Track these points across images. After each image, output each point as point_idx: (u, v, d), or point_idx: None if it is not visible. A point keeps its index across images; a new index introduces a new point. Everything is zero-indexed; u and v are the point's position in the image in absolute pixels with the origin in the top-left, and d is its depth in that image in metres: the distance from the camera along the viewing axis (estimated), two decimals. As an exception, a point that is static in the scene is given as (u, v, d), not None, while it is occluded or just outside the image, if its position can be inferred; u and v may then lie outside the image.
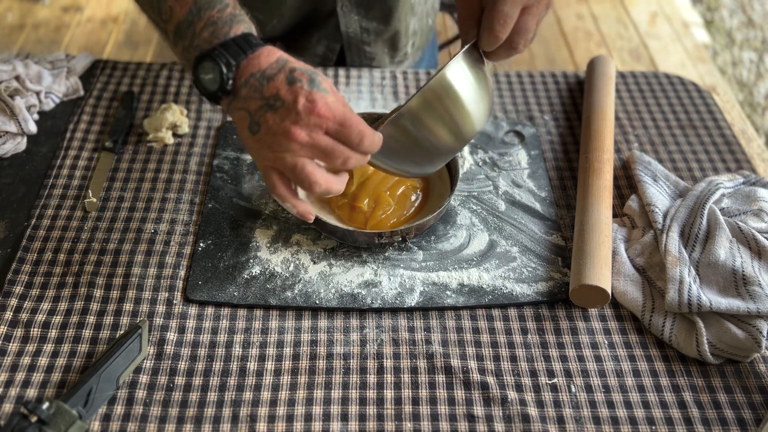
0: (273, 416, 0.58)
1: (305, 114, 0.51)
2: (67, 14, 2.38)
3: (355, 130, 0.53)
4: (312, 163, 0.53)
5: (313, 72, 0.53)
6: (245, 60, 0.53)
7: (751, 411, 0.59)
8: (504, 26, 0.57)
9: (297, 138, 0.52)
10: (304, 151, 0.53)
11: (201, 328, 0.64)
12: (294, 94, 0.52)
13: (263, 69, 0.53)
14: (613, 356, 0.63)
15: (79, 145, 0.81)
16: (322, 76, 0.54)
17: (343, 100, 0.54)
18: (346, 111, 0.53)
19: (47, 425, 0.52)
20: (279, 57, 0.54)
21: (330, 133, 0.53)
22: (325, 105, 0.52)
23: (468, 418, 0.58)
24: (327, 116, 0.52)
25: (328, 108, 0.52)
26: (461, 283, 0.67)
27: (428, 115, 0.59)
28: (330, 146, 0.53)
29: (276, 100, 0.52)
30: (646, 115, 0.89)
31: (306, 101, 0.51)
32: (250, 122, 0.54)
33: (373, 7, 0.92)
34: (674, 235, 0.68)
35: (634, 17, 2.51)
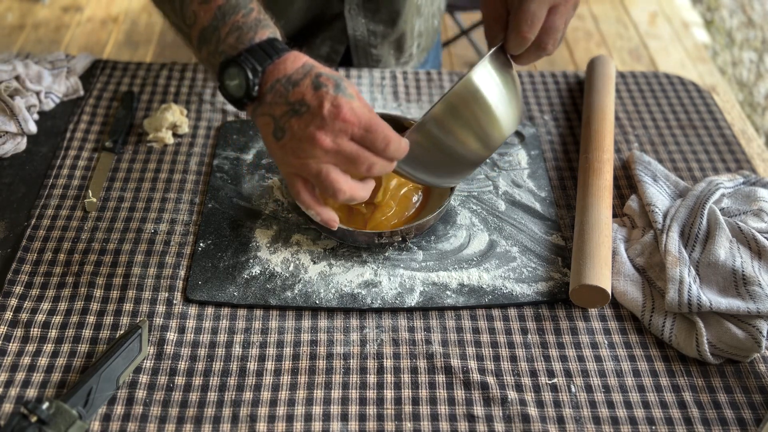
0: (273, 416, 0.58)
1: (330, 119, 0.51)
2: (67, 14, 2.38)
3: (381, 135, 0.52)
4: (336, 170, 0.53)
5: (339, 77, 0.53)
6: (271, 65, 0.53)
7: (751, 411, 0.59)
8: (532, 27, 0.56)
9: (322, 144, 0.51)
10: (328, 157, 0.52)
11: (201, 328, 0.64)
12: (319, 99, 0.51)
13: (289, 74, 0.52)
14: (613, 356, 0.63)
15: (79, 145, 0.81)
16: (347, 82, 0.53)
17: (368, 105, 0.54)
18: (371, 116, 0.52)
19: (47, 425, 0.52)
20: (305, 62, 0.53)
21: (355, 138, 0.52)
22: (351, 110, 0.51)
23: (468, 418, 0.58)
24: (352, 121, 0.51)
25: (353, 113, 0.51)
26: (461, 283, 0.67)
27: (455, 121, 0.57)
28: (355, 152, 0.52)
29: (301, 105, 0.51)
30: (646, 115, 0.89)
31: (331, 106, 0.51)
32: (274, 128, 0.53)
33: (380, 10, 0.92)
34: (674, 235, 0.68)
35: (634, 17, 2.51)
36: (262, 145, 0.81)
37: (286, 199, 0.75)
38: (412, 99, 0.90)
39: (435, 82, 0.93)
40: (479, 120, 0.58)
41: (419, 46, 1.03)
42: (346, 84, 0.53)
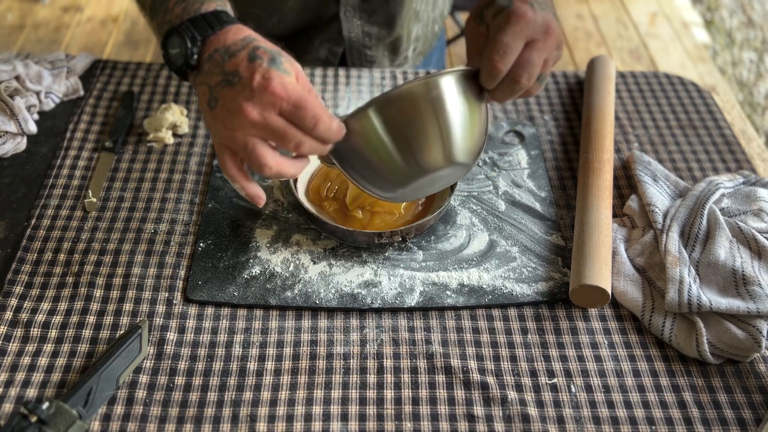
0: (273, 416, 0.58)
1: (259, 91, 0.50)
2: (67, 14, 2.38)
3: (311, 113, 0.50)
4: (263, 144, 0.52)
5: (277, 53, 0.52)
6: (212, 36, 0.53)
7: (751, 411, 0.59)
8: (503, 57, 0.55)
9: (249, 115, 0.50)
10: (255, 130, 0.51)
11: (201, 328, 0.64)
12: (251, 71, 0.50)
13: (228, 45, 0.52)
14: (613, 356, 0.63)
15: (79, 145, 0.81)
16: (287, 58, 0.52)
17: (308, 85, 0.53)
18: (303, 93, 0.50)
19: (47, 425, 0.52)
20: (247, 35, 0.53)
21: (284, 114, 0.51)
22: (281, 84, 0.50)
23: (468, 418, 0.58)
24: (281, 95, 0.50)
25: (283, 87, 0.50)
26: (461, 283, 0.67)
27: (394, 118, 0.55)
28: (282, 127, 0.51)
29: (234, 75, 0.51)
30: (646, 115, 0.89)
31: (262, 78, 0.50)
32: (209, 97, 0.52)
33: (375, 13, 0.92)
34: (674, 235, 0.68)
35: (634, 17, 2.51)
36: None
37: (286, 199, 0.75)
38: (412, 99, 0.90)
39: (435, 82, 0.93)
40: (422, 128, 0.55)
41: (415, 50, 1.03)
42: (285, 59, 0.52)
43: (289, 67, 0.51)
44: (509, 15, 0.56)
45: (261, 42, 0.53)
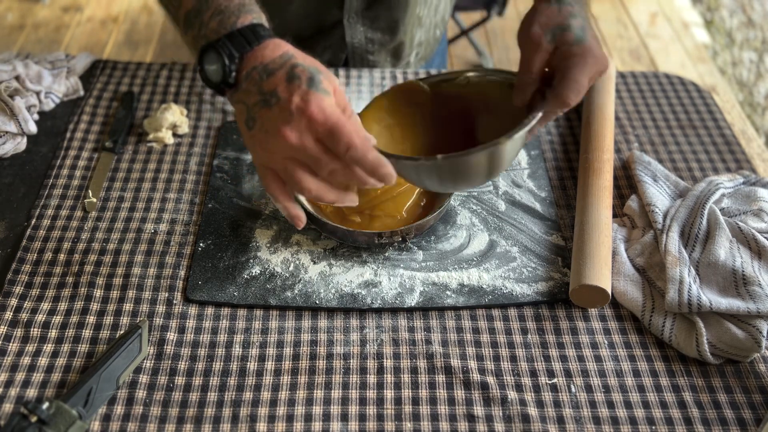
0: (273, 416, 0.58)
1: (297, 114, 0.49)
2: (67, 14, 2.38)
3: (345, 138, 0.48)
4: (301, 168, 0.50)
5: (316, 70, 0.50)
6: (250, 52, 0.52)
7: (751, 411, 0.59)
8: (577, 95, 0.58)
9: (287, 139, 0.49)
10: (293, 152, 0.50)
11: (201, 328, 0.64)
12: (290, 92, 0.49)
13: (266, 63, 0.51)
14: (613, 356, 0.63)
15: (79, 145, 0.81)
16: (326, 75, 0.51)
17: (344, 102, 0.51)
18: (340, 118, 0.48)
19: (47, 425, 0.52)
20: (285, 52, 0.52)
21: (320, 138, 0.49)
22: (319, 108, 0.48)
23: (468, 418, 0.58)
24: (318, 120, 0.48)
25: (321, 111, 0.48)
26: (461, 283, 0.67)
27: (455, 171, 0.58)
28: (316, 154, 0.49)
29: (272, 95, 0.50)
30: (646, 115, 0.89)
31: (300, 101, 0.48)
32: (247, 117, 0.52)
33: (378, 18, 0.91)
34: (674, 235, 0.68)
35: (634, 17, 2.51)
36: (262, 145, 0.81)
37: (286, 199, 0.75)
38: (412, 99, 0.90)
39: (435, 82, 0.93)
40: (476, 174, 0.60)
41: (417, 54, 1.03)
42: (324, 77, 0.50)
43: (328, 86, 0.50)
44: (585, 52, 0.58)
45: (299, 59, 0.51)
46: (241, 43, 0.52)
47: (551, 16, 0.61)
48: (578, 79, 0.58)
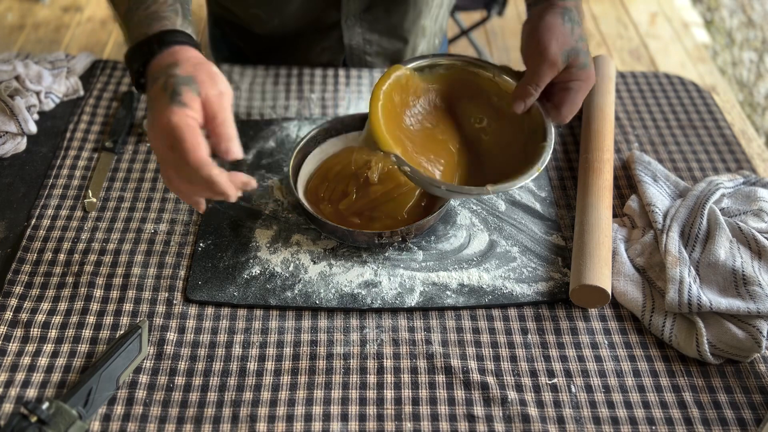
0: (273, 416, 0.58)
1: (155, 122, 0.53)
2: (67, 14, 2.38)
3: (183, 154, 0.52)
4: (167, 167, 0.55)
5: (186, 81, 0.53)
6: (153, 60, 0.57)
7: (751, 411, 0.59)
8: (573, 114, 0.68)
9: (152, 141, 0.55)
10: (157, 153, 0.55)
11: (201, 328, 0.64)
12: (157, 101, 0.53)
13: (155, 72, 0.56)
14: (613, 356, 0.63)
15: (79, 145, 0.81)
16: (195, 87, 0.53)
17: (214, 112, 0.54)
18: (183, 133, 0.52)
19: (47, 425, 0.52)
20: (174, 61, 0.55)
21: (169, 146, 0.53)
22: (168, 120, 0.52)
23: (468, 418, 0.58)
24: (165, 131, 0.52)
25: (168, 123, 0.52)
26: (461, 283, 0.67)
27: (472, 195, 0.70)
28: (170, 160, 0.53)
29: (151, 101, 0.55)
30: (646, 115, 0.89)
31: (158, 111, 0.53)
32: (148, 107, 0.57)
33: (377, 22, 0.91)
34: (674, 235, 0.68)
35: (634, 17, 2.51)
36: (262, 145, 0.81)
37: (286, 199, 0.75)
38: (412, 99, 0.90)
39: (435, 82, 0.93)
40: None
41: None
42: (188, 90, 0.53)
43: (189, 99, 0.53)
44: (588, 78, 0.66)
45: (179, 69, 0.54)
46: (147, 52, 0.57)
47: (566, 37, 0.65)
48: (578, 102, 0.66)
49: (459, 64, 0.72)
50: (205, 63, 0.57)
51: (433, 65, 0.71)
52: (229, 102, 0.56)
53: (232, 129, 0.55)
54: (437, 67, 0.72)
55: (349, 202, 0.71)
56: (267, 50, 0.97)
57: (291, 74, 0.92)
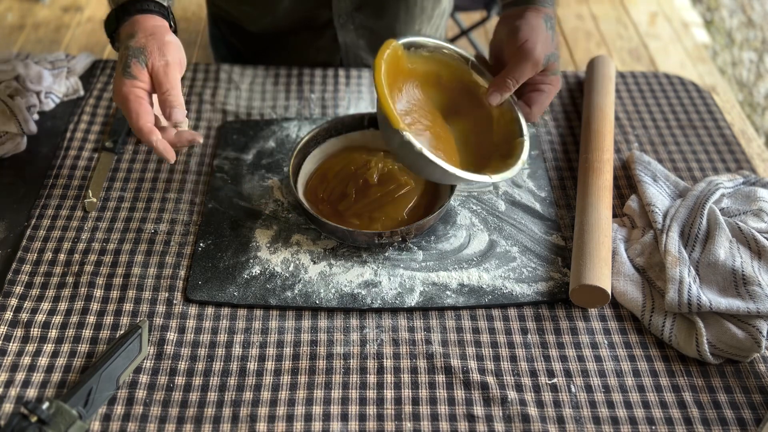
0: (273, 416, 0.58)
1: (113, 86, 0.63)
2: (67, 14, 2.38)
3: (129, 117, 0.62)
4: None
5: (131, 57, 0.62)
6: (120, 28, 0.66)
7: (751, 411, 0.59)
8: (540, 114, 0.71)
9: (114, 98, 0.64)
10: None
11: (201, 328, 0.64)
12: (117, 68, 0.63)
13: (120, 41, 0.66)
14: (613, 356, 0.63)
15: (79, 145, 0.81)
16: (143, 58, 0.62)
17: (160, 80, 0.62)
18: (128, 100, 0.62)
19: (47, 425, 0.52)
20: (132, 31, 0.64)
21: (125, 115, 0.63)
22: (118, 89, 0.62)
23: (468, 418, 0.58)
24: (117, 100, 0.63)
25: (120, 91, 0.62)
26: (461, 283, 0.67)
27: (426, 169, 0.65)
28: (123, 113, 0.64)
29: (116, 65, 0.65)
30: (646, 115, 0.89)
31: (115, 78, 0.63)
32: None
33: (369, 20, 0.91)
34: (674, 235, 0.68)
35: (634, 17, 2.50)
36: (262, 145, 0.81)
37: (286, 199, 0.75)
38: (412, 99, 0.90)
39: (435, 82, 0.93)
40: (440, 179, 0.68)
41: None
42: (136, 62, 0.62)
43: (137, 71, 0.62)
44: (556, 83, 0.70)
45: (134, 42, 0.63)
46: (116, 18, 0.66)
47: (548, 42, 0.68)
48: (546, 103, 0.70)
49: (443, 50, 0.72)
50: (159, 33, 0.64)
51: (419, 45, 0.71)
52: (176, 70, 0.64)
53: (175, 96, 0.63)
54: (421, 49, 0.71)
55: (348, 203, 0.71)
56: (263, 49, 0.97)
57: (291, 74, 0.92)
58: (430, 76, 0.72)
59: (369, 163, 0.75)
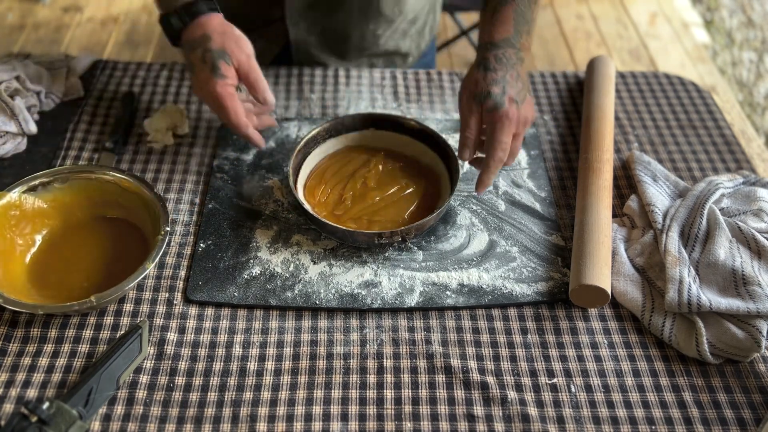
0: (273, 416, 0.58)
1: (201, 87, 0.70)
2: (67, 14, 2.38)
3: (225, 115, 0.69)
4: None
5: (220, 55, 0.69)
6: (184, 30, 0.72)
7: (750, 411, 0.59)
8: (505, 152, 0.68)
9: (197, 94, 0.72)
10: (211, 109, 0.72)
11: (201, 328, 0.64)
12: (200, 70, 0.69)
13: (190, 40, 0.71)
14: (613, 356, 0.63)
15: (80, 146, 0.81)
16: (228, 59, 0.69)
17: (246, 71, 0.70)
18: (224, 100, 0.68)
19: (47, 425, 0.52)
20: (203, 33, 0.70)
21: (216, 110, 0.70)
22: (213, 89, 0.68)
23: (468, 418, 0.58)
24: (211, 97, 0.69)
25: (214, 91, 0.68)
26: (461, 283, 0.67)
27: None
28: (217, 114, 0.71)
29: (192, 66, 0.71)
30: (646, 115, 0.89)
31: (204, 78, 0.69)
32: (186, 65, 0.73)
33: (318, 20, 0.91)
34: (674, 235, 0.68)
35: (634, 17, 2.50)
36: (262, 146, 0.81)
37: (286, 199, 0.75)
38: (412, 99, 0.90)
39: (435, 82, 0.93)
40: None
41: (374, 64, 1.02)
42: (224, 62, 0.69)
43: (226, 70, 0.69)
44: (502, 116, 0.67)
45: (212, 43, 0.69)
46: (177, 21, 0.72)
47: (478, 83, 0.69)
48: (501, 139, 0.67)
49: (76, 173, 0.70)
50: (229, 30, 0.71)
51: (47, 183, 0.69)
52: (254, 60, 0.71)
53: (264, 81, 0.72)
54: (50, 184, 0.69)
55: (344, 208, 0.71)
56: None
57: (291, 74, 0.92)
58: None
59: (369, 163, 0.75)
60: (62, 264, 0.67)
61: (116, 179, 0.70)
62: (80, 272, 0.66)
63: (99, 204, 0.71)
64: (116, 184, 0.70)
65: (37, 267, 0.67)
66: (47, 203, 0.69)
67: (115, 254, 0.68)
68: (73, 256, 0.68)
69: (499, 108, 0.67)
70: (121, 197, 0.70)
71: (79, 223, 0.71)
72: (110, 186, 0.70)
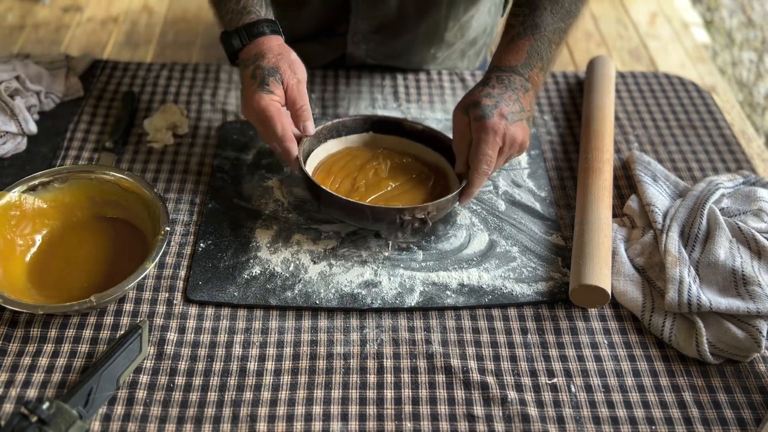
0: (273, 416, 0.58)
1: (248, 102, 0.68)
2: (67, 14, 2.38)
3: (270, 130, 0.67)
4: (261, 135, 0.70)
5: (271, 71, 0.68)
6: (242, 48, 0.72)
7: (751, 411, 0.59)
8: (489, 165, 0.67)
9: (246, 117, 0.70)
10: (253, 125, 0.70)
11: (201, 328, 0.64)
12: (249, 85, 0.68)
13: (245, 58, 0.71)
14: (613, 356, 0.63)
15: (80, 146, 0.81)
16: (279, 77, 0.68)
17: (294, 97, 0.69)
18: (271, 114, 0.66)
19: (47, 425, 0.52)
20: (258, 52, 0.70)
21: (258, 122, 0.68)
22: (258, 104, 0.66)
23: (468, 418, 0.58)
24: (257, 111, 0.67)
25: (259, 106, 0.66)
26: (461, 283, 0.67)
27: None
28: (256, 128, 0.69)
29: (243, 81, 0.70)
30: (646, 115, 0.89)
31: (251, 94, 0.67)
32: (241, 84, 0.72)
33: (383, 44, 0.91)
34: (674, 235, 0.68)
35: (634, 17, 2.50)
36: (262, 145, 0.81)
37: (286, 199, 0.75)
38: (412, 99, 0.90)
39: (435, 82, 0.93)
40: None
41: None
42: (274, 80, 0.67)
43: (275, 87, 0.67)
44: (486, 127, 0.66)
45: (264, 60, 0.68)
46: (239, 38, 0.71)
47: (472, 95, 0.69)
48: (486, 151, 0.66)
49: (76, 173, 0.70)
50: (285, 53, 0.70)
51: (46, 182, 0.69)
52: (305, 86, 0.70)
53: (308, 111, 0.70)
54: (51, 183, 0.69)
55: (360, 195, 0.71)
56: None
57: (291, 74, 0.92)
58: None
59: (377, 157, 0.75)
60: (62, 264, 0.67)
61: (116, 179, 0.70)
62: (80, 272, 0.66)
63: (99, 204, 0.71)
64: (116, 184, 0.70)
65: (37, 267, 0.67)
66: (47, 203, 0.69)
67: (115, 254, 0.68)
68: (73, 256, 0.68)
69: (486, 118, 0.66)
70: (121, 197, 0.70)
71: (78, 223, 0.71)
72: (110, 186, 0.70)
